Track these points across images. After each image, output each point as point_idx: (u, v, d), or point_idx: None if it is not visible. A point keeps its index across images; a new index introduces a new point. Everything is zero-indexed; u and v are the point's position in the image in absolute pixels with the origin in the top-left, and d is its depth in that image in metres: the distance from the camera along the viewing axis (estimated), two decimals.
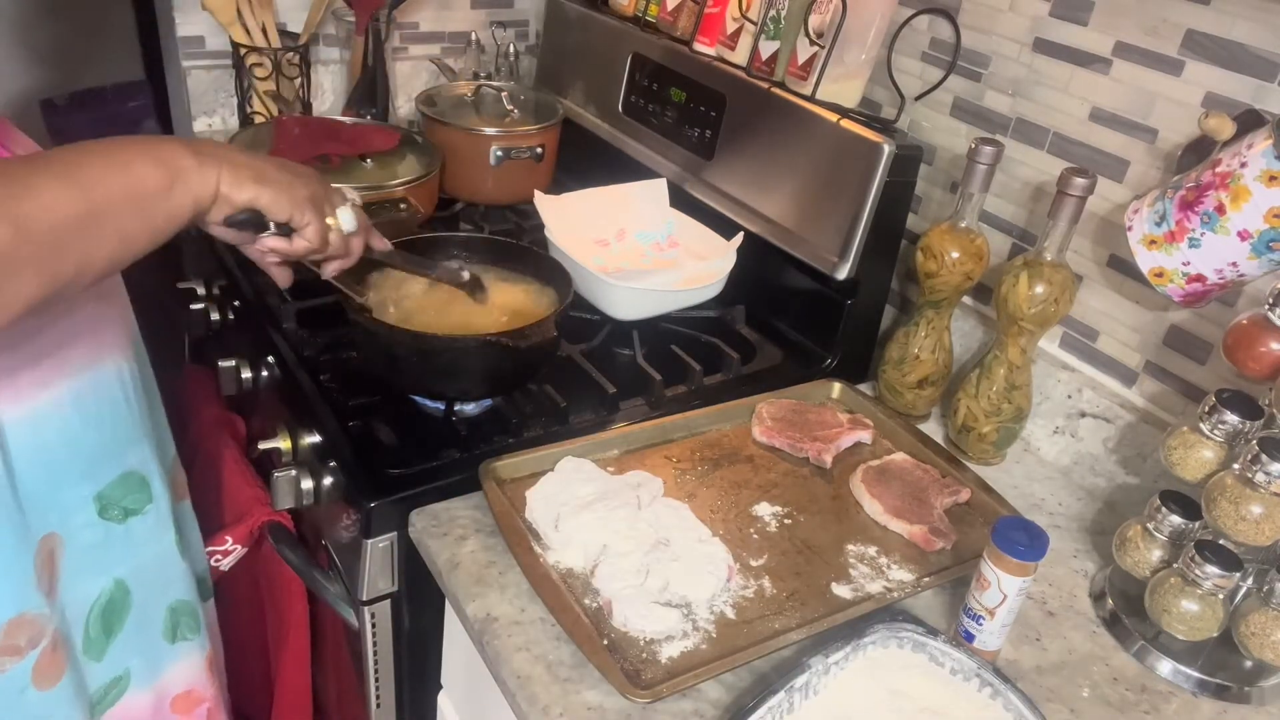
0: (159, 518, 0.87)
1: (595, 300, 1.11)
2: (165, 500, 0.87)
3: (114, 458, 0.82)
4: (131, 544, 0.84)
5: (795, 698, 0.69)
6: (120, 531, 0.83)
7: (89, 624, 0.82)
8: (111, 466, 0.82)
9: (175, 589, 0.91)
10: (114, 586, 0.83)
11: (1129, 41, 0.95)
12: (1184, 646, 0.82)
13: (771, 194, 1.19)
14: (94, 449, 0.80)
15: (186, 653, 0.93)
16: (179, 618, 0.92)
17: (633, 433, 0.98)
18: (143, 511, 0.85)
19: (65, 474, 0.77)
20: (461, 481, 0.90)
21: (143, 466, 0.84)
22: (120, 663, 0.86)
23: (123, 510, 0.83)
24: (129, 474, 0.83)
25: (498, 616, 0.78)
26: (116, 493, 0.82)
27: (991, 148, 0.97)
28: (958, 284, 1.03)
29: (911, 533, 0.90)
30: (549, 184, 1.45)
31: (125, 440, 0.83)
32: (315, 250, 0.80)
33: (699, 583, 0.80)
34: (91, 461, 0.80)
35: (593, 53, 1.51)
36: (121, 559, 0.84)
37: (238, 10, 1.42)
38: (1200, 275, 0.84)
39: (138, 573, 0.85)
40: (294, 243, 0.78)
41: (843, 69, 1.13)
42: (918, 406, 1.11)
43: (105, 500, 0.81)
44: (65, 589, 0.79)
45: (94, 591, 0.82)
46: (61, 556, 0.79)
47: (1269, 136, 0.77)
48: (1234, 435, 0.79)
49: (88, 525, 0.80)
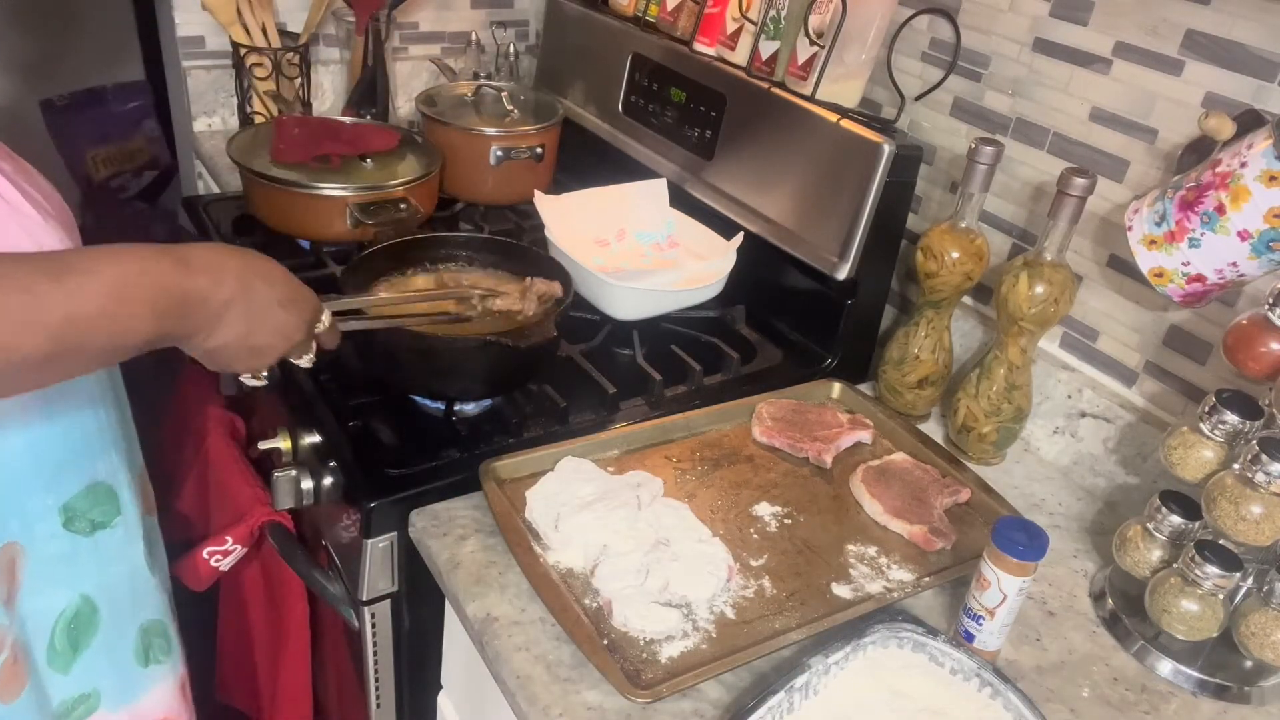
0: (128, 531, 0.85)
1: (595, 300, 1.11)
2: (134, 513, 0.85)
3: (81, 468, 0.80)
4: (100, 558, 0.82)
5: (795, 698, 0.69)
6: (88, 545, 0.81)
7: (54, 636, 0.80)
8: (79, 477, 0.80)
9: (146, 608, 0.89)
10: (80, 602, 0.82)
11: (1129, 41, 0.95)
12: (1184, 646, 0.82)
13: (771, 194, 1.19)
14: (60, 458, 0.78)
15: (160, 676, 0.91)
16: (151, 639, 0.89)
17: (633, 433, 0.98)
18: (110, 525, 0.83)
19: (29, 483, 0.76)
20: (461, 481, 0.90)
21: (111, 478, 0.83)
22: (88, 681, 0.84)
23: (89, 523, 0.81)
24: (96, 485, 0.81)
25: (498, 616, 0.78)
26: (83, 504, 0.80)
27: (991, 148, 0.97)
28: (958, 284, 1.03)
29: (911, 533, 0.90)
30: (549, 184, 1.45)
31: (94, 449, 0.81)
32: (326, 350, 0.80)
33: (699, 583, 0.80)
34: (57, 470, 0.78)
35: (593, 53, 1.51)
36: (88, 574, 0.82)
37: (238, 10, 1.43)
38: (1200, 275, 0.84)
39: (106, 590, 0.84)
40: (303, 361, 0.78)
41: (843, 69, 1.13)
42: (918, 406, 1.11)
43: (71, 511, 0.79)
44: (26, 599, 0.77)
45: (59, 605, 0.80)
46: (23, 566, 0.77)
47: (1269, 136, 0.77)
48: (1234, 435, 0.79)
49: (52, 536, 0.78)
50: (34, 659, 0.79)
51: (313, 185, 1.21)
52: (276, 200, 1.23)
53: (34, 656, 0.79)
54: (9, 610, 0.76)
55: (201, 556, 1.03)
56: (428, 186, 1.29)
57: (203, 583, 1.06)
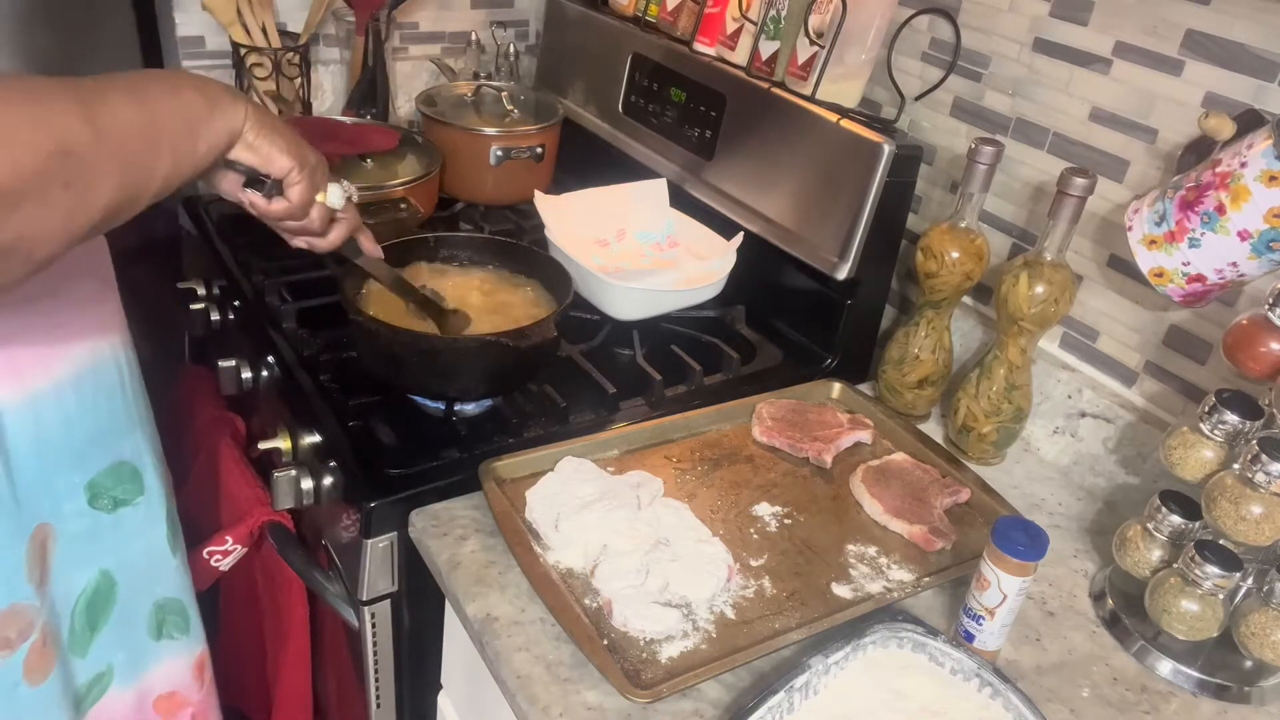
0: (150, 511, 0.86)
1: (595, 300, 1.11)
2: (159, 494, 0.86)
3: (107, 446, 0.81)
4: (120, 534, 0.83)
5: (795, 698, 0.69)
6: (109, 521, 0.82)
7: (74, 617, 0.81)
8: (104, 455, 0.81)
9: (164, 585, 0.89)
10: (99, 577, 0.82)
11: (1129, 41, 0.95)
12: (1184, 646, 0.82)
13: (771, 194, 1.19)
14: (88, 435, 0.79)
15: (172, 652, 0.91)
16: (166, 615, 0.90)
17: (633, 433, 0.98)
18: (133, 503, 0.84)
19: (59, 460, 0.77)
20: (461, 481, 0.90)
21: (136, 458, 0.84)
22: (103, 658, 0.85)
23: (112, 500, 0.82)
24: (121, 464, 0.83)
25: (498, 616, 0.78)
26: (108, 481, 0.81)
27: (991, 148, 0.97)
28: (958, 284, 1.03)
29: (911, 533, 0.90)
30: (549, 184, 1.45)
31: (120, 429, 0.82)
32: (292, 215, 0.80)
33: (699, 583, 0.80)
34: (85, 448, 0.79)
35: (593, 53, 1.51)
36: (109, 549, 0.83)
37: (238, 10, 1.42)
38: (1200, 275, 0.84)
39: (125, 565, 0.84)
40: (273, 203, 0.78)
41: (843, 69, 1.13)
42: (918, 406, 1.11)
43: (96, 489, 0.80)
44: (55, 581, 0.79)
45: (81, 583, 0.81)
46: (53, 547, 0.78)
47: (1269, 136, 0.77)
48: (1234, 435, 0.79)
49: (78, 514, 0.79)
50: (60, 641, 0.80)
51: None
52: None
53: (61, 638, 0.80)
54: (41, 592, 0.76)
55: (201, 556, 1.03)
56: (428, 186, 1.29)
57: (203, 583, 1.06)
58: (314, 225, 0.82)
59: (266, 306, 1.14)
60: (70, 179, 0.56)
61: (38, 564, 0.76)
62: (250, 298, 1.16)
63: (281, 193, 0.78)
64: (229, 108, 0.69)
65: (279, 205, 0.78)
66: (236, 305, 1.21)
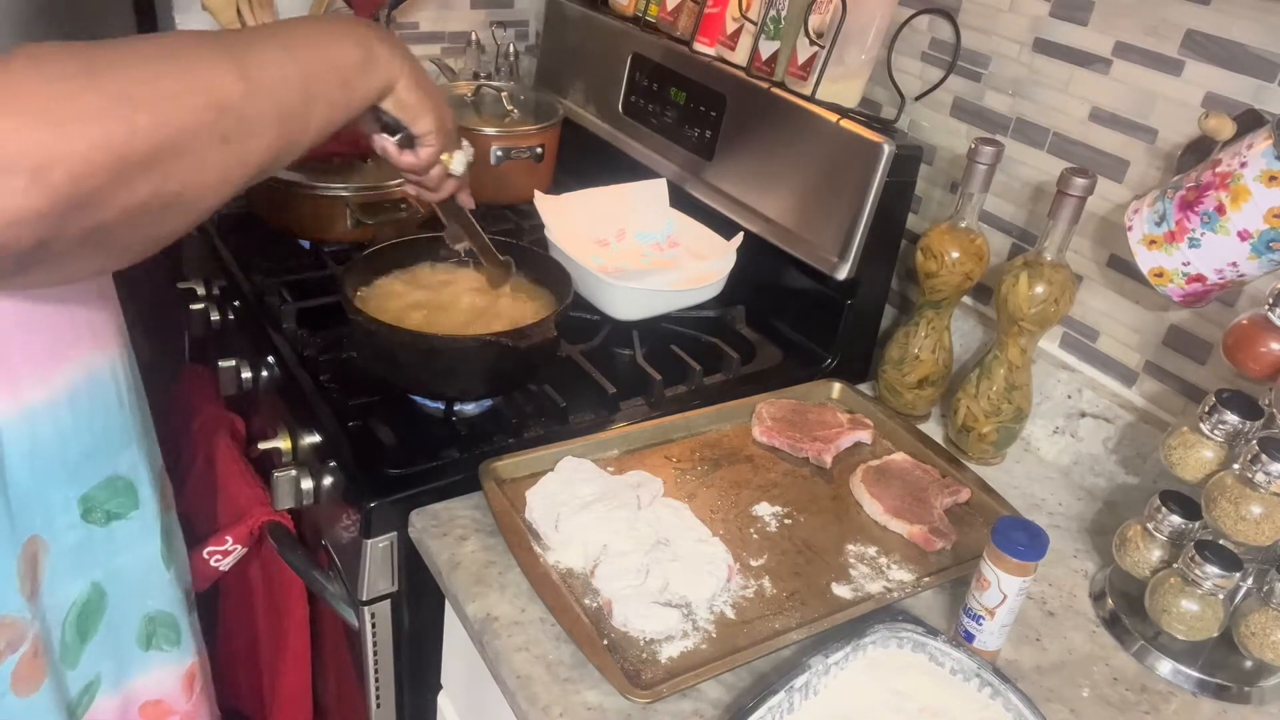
0: (144, 525, 0.85)
1: (595, 300, 1.11)
2: (153, 508, 0.85)
3: (102, 460, 0.80)
4: (112, 547, 0.82)
5: (795, 698, 0.69)
6: (102, 534, 0.81)
7: (65, 629, 0.80)
8: (99, 469, 0.80)
9: (156, 598, 0.88)
10: (90, 589, 0.82)
11: (1129, 41, 0.95)
12: (1184, 646, 0.82)
13: (771, 194, 1.19)
14: (83, 450, 0.78)
15: (160, 662, 0.90)
16: (156, 627, 0.89)
17: (633, 433, 0.98)
18: (127, 516, 0.83)
19: (53, 475, 0.76)
20: (461, 481, 0.90)
21: (131, 472, 0.83)
22: (92, 668, 0.84)
23: (106, 514, 0.81)
24: (116, 478, 0.81)
25: (498, 616, 0.78)
26: (101, 495, 0.80)
27: (991, 148, 0.97)
28: (958, 284, 1.03)
29: (911, 533, 0.90)
30: (549, 184, 1.45)
31: (116, 443, 0.81)
32: (416, 170, 0.83)
33: (699, 583, 0.80)
34: (80, 462, 0.78)
35: (593, 53, 1.51)
36: (100, 561, 0.82)
37: (238, 10, 1.42)
38: (1200, 275, 0.84)
39: (115, 576, 0.83)
40: (403, 154, 0.81)
41: (843, 69, 1.13)
42: (918, 406, 1.11)
43: (89, 503, 0.79)
44: (46, 593, 0.78)
45: (72, 595, 0.80)
46: (44, 560, 0.77)
47: (1269, 136, 0.77)
48: (1234, 435, 0.79)
49: (70, 527, 0.78)
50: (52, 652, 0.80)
51: (313, 185, 1.21)
52: (277, 200, 1.23)
53: (53, 649, 0.80)
54: (32, 604, 0.76)
55: (201, 556, 1.03)
56: None
57: (202, 583, 1.06)
58: (430, 182, 0.86)
59: (266, 306, 1.14)
60: (228, 133, 0.57)
61: (29, 576, 0.75)
62: (250, 298, 1.16)
63: (413, 146, 0.80)
64: (385, 62, 0.70)
65: (408, 158, 0.81)
66: (236, 305, 1.21)
